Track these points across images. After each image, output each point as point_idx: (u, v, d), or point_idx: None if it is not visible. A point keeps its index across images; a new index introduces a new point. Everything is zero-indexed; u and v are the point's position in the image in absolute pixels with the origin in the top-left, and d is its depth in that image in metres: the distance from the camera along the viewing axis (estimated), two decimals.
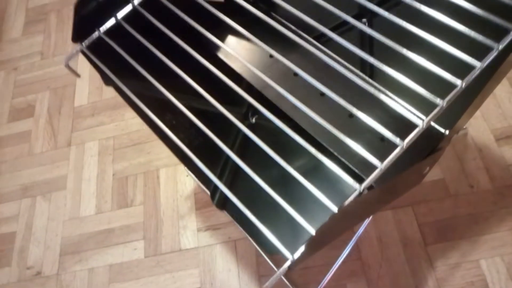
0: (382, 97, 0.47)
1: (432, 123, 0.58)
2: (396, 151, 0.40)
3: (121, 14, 0.59)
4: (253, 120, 0.64)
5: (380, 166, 0.40)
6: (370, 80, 0.63)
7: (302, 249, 0.36)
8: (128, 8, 0.60)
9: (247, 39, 0.76)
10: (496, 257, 0.75)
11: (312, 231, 0.38)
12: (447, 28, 0.48)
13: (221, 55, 0.71)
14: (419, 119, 0.42)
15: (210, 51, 0.71)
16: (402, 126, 0.48)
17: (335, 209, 0.39)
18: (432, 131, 0.58)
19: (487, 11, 0.47)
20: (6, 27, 1.28)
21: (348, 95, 0.58)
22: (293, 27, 0.71)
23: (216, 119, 0.52)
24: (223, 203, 0.47)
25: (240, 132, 0.64)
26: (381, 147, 0.60)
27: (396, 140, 0.42)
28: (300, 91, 0.67)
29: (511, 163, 0.82)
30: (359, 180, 0.43)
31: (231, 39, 0.74)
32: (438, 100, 0.43)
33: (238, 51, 0.73)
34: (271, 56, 0.72)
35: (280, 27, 0.54)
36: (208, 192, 0.52)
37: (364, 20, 0.65)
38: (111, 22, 0.59)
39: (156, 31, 0.57)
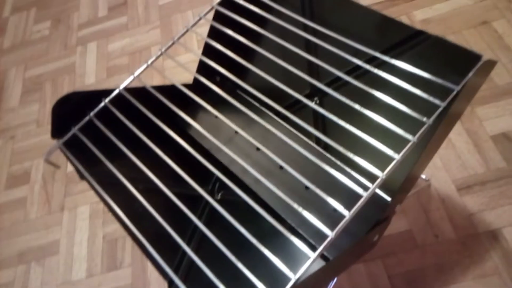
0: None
1: (378, 191, 0.64)
2: (326, 243, 0.46)
3: (94, 111, 0.67)
4: (219, 196, 0.71)
5: (313, 256, 0.46)
6: (324, 152, 0.69)
7: None
8: (100, 105, 0.67)
9: (215, 117, 0.83)
10: None
11: None
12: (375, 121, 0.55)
13: (191, 132, 0.78)
14: (345, 210, 0.48)
15: (182, 129, 0.78)
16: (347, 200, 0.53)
17: None
18: (380, 200, 0.64)
19: (407, 105, 0.54)
20: (4, 97, 1.37)
21: (304, 168, 0.65)
22: (256, 104, 0.78)
23: (182, 201, 0.58)
24: None
25: (206, 207, 0.70)
26: (334, 217, 0.66)
27: (326, 230, 0.47)
28: (261, 165, 0.73)
29: (472, 213, 0.86)
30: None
31: (200, 117, 0.81)
32: (362, 191, 0.48)
33: (205, 129, 0.80)
34: (236, 132, 0.79)
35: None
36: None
37: (315, 98, 0.72)
38: (86, 119, 0.67)
39: (124, 125, 0.65)
